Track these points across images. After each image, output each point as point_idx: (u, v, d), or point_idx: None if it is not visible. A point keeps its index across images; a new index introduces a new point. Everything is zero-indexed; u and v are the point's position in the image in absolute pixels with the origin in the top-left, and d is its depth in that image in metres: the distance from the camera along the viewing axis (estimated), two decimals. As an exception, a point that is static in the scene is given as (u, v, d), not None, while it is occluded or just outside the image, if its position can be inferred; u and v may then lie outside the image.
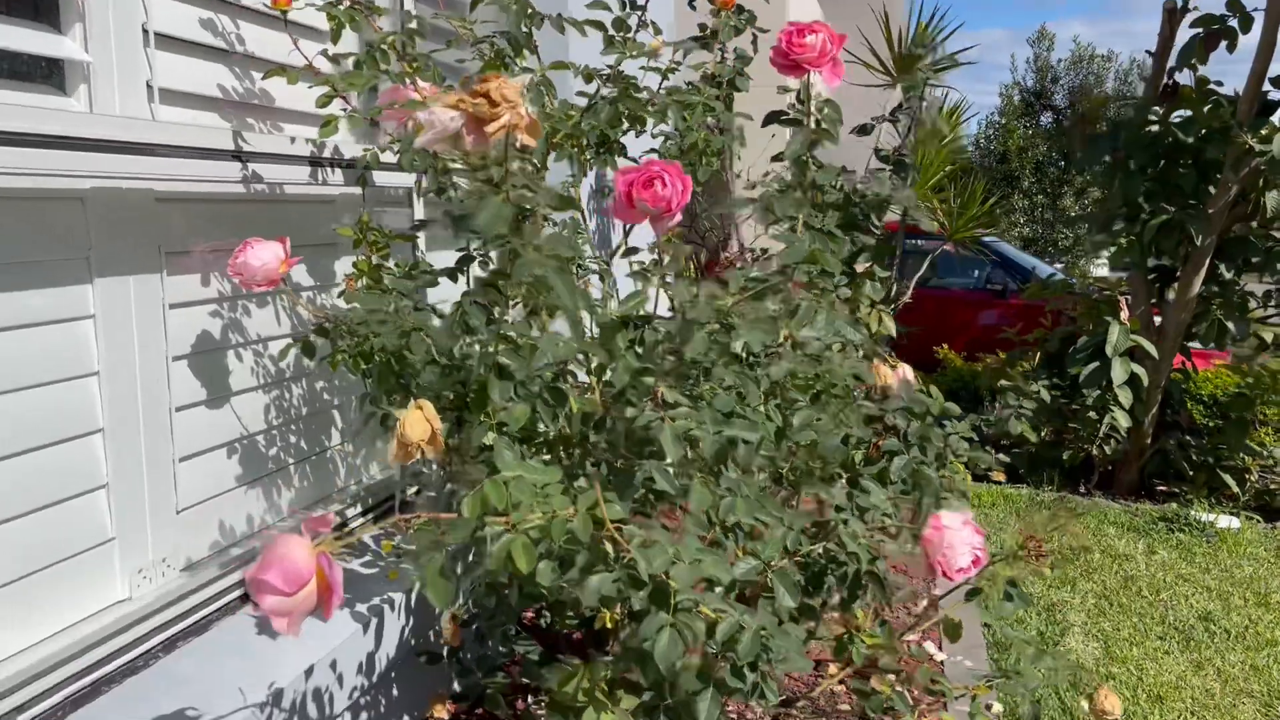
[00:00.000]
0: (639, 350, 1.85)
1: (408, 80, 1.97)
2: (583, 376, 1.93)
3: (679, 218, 1.80)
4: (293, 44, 2.00)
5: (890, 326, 2.36)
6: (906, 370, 2.44)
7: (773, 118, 2.24)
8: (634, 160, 2.67)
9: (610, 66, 2.24)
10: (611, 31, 2.23)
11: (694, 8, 3.34)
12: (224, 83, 2.10)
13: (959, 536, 1.66)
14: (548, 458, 1.86)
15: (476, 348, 1.66)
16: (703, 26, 3.29)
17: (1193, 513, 4.74)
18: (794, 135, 2.10)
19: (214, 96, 2.07)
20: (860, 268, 3.07)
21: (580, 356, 1.73)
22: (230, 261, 1.89)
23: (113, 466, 1.85)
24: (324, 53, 2.03)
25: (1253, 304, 5.28)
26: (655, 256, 2.10)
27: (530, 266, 1.39)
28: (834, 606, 1.96)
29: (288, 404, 2.38)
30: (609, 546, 1.43)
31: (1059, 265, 20.95)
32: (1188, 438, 5.55)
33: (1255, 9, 4.65)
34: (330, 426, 2.56)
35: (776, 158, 2.39)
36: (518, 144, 1.31)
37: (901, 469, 1.96)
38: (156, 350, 1.94)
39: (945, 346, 7.37)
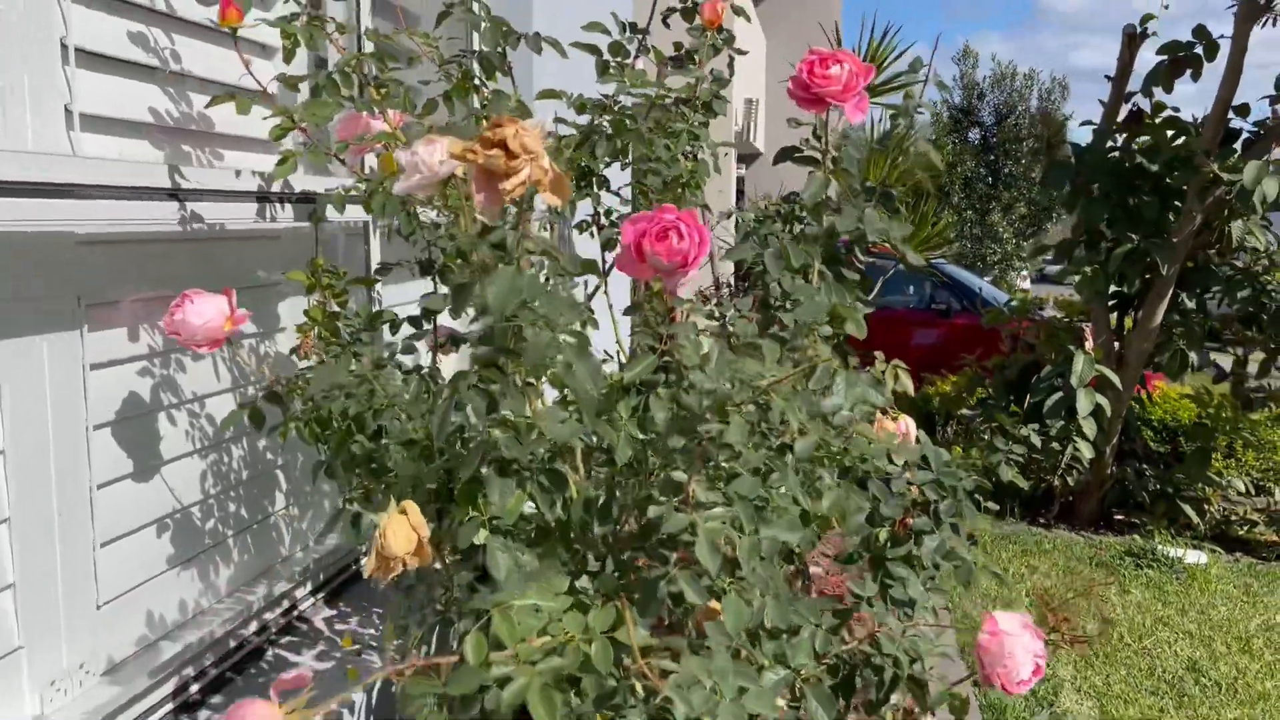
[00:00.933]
0: (645, 416, 1.63)
1: (375, 109, 1.71)
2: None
3: (695, 273, 1.57)
4: (244, 66, 1.72)
5: (908, 384, 2.16)
6: (909, 424, 2.25)
7: (785, 155, 2.03)
8: (616, 194, 2.44)
9: (606, 96, 2.00)
10: (608, 57, 1.99)
11: (668, 25, 3.12)
12: (157, 106, 1.82)
13: (1020, 644, 1.46)
14: (539, 547, 1.61)
15: (465, 430, 1.41)
16: (678, 45, 3.07)
17: (1159, 547, 4.65)
18: (810, 177, 1.89)
19: (145, 122, 1.79)
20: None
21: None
22: (166, 318, 1.61)
23: (20, 562, 1.55)
24: (281, 77, 1.75)
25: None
26: (651, 311, 1.87)
27: (547, 347, 1.14)
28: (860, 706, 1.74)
29: (226, 468, 2.10)
30: (636, 684, 1.19)
31: (988, 279, 21.29)
32: (1144, 466, 5.49)
33: (1221, 36, 4.60)
34: (274, 489, 2.28)
35: (790, 196, 2.18)
36: (542, 204, 1.07)
37: (934, 551, 1.76)
38: (74, 420, 1.65)
39: (893, 368, 7.26)
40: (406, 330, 1.92)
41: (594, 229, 2.47)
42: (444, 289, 1.97)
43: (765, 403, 1.38)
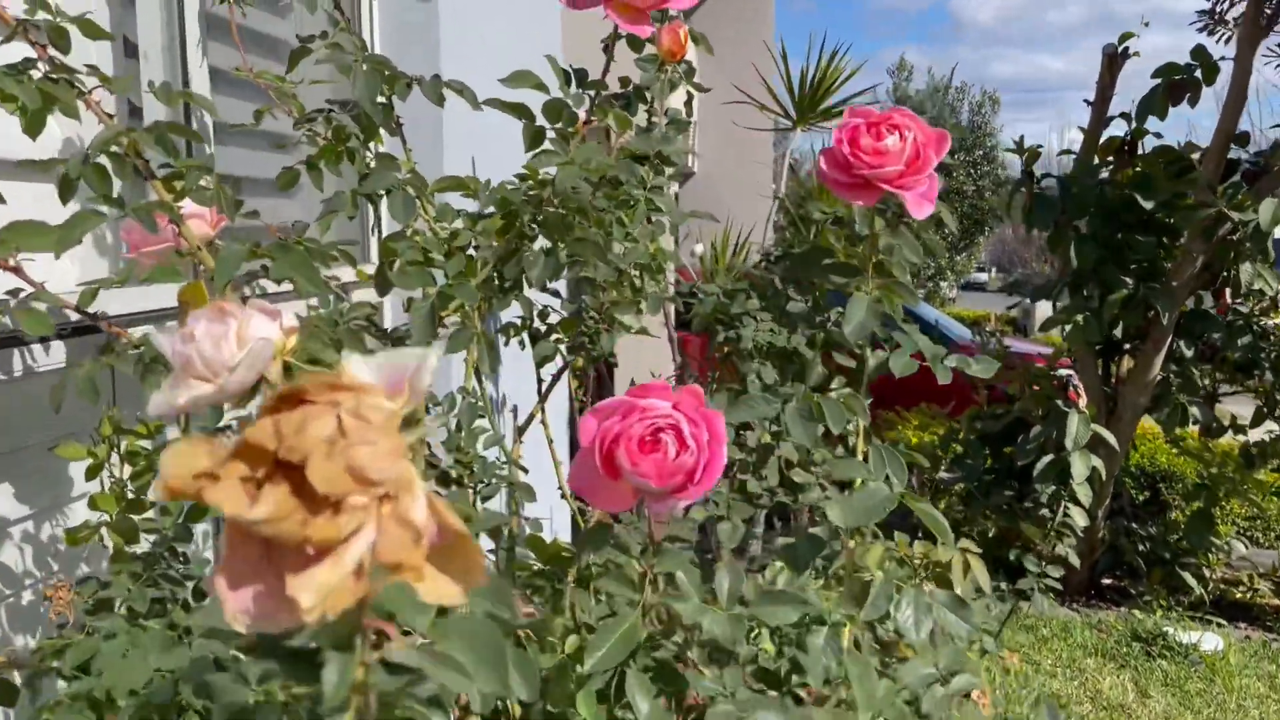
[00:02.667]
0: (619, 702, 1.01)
1: (164, 213, 1.04)
2: None
3: (705, 494, 0.94)
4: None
5: (984, 578, 1.55)
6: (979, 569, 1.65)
7: (809, 262, 1.40)
8: (555, 293, 1.80)
9: (534, 184, 1.31)
10: (542, 121, 1.32)
11: (611, 55, 2.50)
12: None
13: None
14: None
15: None
16: (624, 80, 2.45)
17: (1169, 631, 4.14)
18: (854, 302, 1.26)
19: None
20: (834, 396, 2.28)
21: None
22: None
23: None
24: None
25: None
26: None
27: None
28: None
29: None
30: None
31: (921, 292, 21.05)
32: (1132, 524, 5.01)
33: (1221, 59, 4.12)
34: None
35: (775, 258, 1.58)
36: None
37: None
38: None
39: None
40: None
41: (524, 336, 1.83)
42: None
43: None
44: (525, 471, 1.58)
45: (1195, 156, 4.38)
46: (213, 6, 1.74)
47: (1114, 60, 4.68)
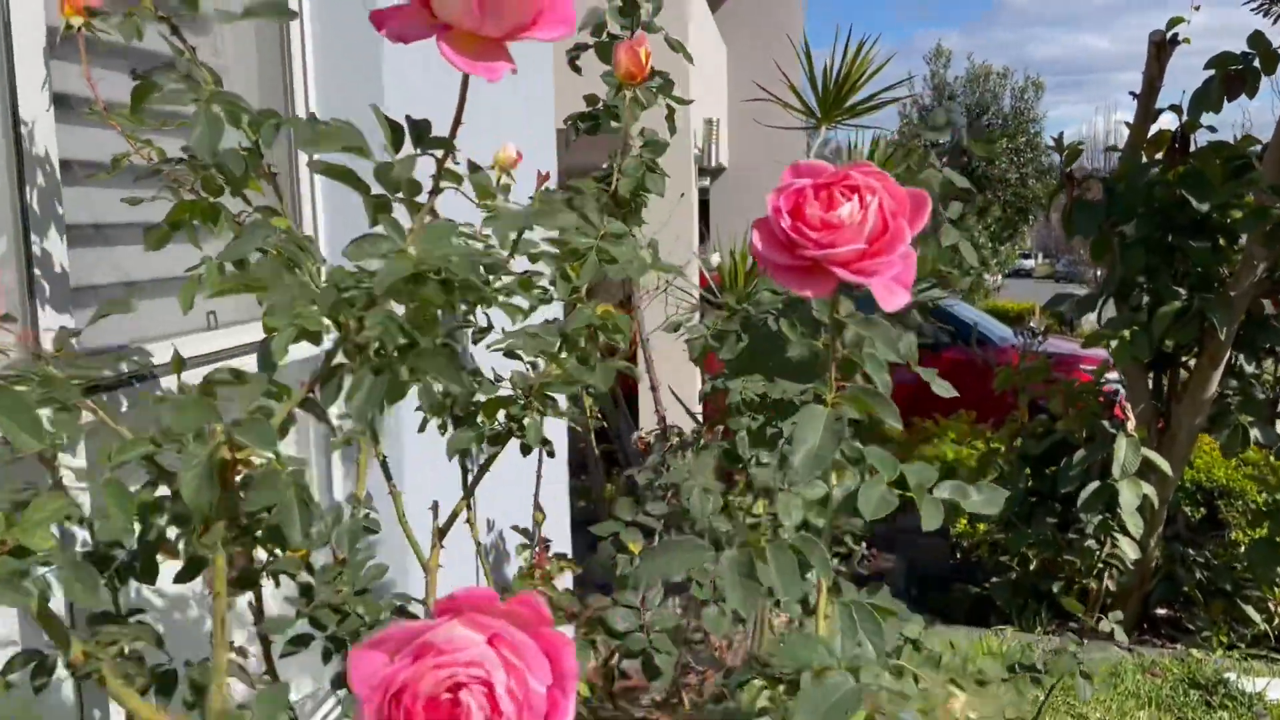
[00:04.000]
0: None
1: None
2: None
3: None
4: None
5: None
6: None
7: (760, 353, 1.08)
8: (475, 371, 1.50)
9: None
10: (379, 190, 0.98)
11: (578, 70, 2.21)
12: None
13: None
14: None
15: None
16: (590, 99, 2.17)
17: (1231, 677, 3.77)
18: (806, 419, 0.94)
19: None
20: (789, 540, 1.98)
21: None
22: None
23: None
24: None
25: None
26: None
27: None
28: None
29: None
30: None
31: (967, 281, 20.51)
32: (1188, 550, 4.61)
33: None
34: None
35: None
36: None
37: None
38: None
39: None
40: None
41: (448, 421, 1.53)
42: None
43: None
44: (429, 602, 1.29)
45: (1254, 151, 4.00)
46: (63, 31, 1.46)
47: (1162, 48, 4.29)
